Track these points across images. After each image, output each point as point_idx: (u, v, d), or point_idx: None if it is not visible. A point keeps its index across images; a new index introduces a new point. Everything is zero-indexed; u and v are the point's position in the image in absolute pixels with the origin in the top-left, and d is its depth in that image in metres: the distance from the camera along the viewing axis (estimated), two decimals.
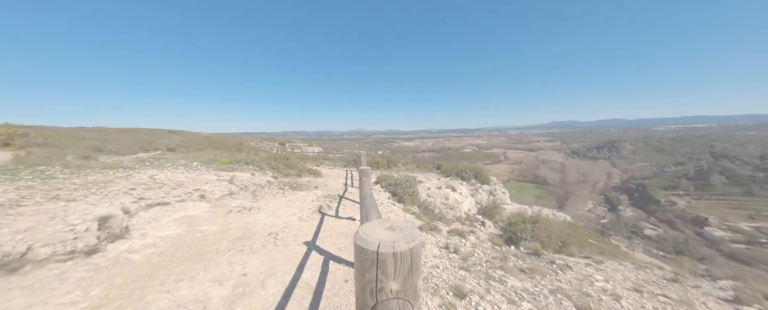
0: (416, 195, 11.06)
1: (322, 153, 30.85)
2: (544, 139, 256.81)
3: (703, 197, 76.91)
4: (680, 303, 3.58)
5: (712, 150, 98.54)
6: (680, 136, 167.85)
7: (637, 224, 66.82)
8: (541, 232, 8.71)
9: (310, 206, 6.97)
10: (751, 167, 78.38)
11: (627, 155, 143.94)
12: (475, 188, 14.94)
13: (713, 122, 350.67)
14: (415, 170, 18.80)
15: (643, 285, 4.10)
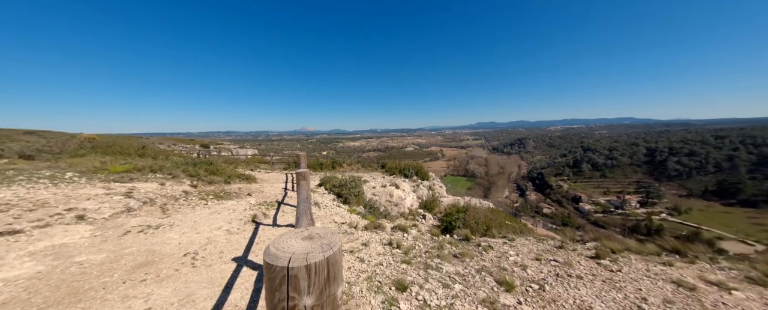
0: (362, 195, 11.09)
1: (258, 156, 27.77)
2: (472, 138, 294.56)
3: (578, 180, 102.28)
4: (564, 264, 4.63)
5: (582, 145, 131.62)
6: (564, 134, 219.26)
7: (538, 204, 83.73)
8: (470, 219, 9.95)
9: (242, 216, 6.17)
10: (604, 157, 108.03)
11: (530, 150, 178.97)
12: (417, 184, 15.98)
13: (582, 124, 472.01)
14: (360, 170, 18.85)
15: (541, 254, 5.13)
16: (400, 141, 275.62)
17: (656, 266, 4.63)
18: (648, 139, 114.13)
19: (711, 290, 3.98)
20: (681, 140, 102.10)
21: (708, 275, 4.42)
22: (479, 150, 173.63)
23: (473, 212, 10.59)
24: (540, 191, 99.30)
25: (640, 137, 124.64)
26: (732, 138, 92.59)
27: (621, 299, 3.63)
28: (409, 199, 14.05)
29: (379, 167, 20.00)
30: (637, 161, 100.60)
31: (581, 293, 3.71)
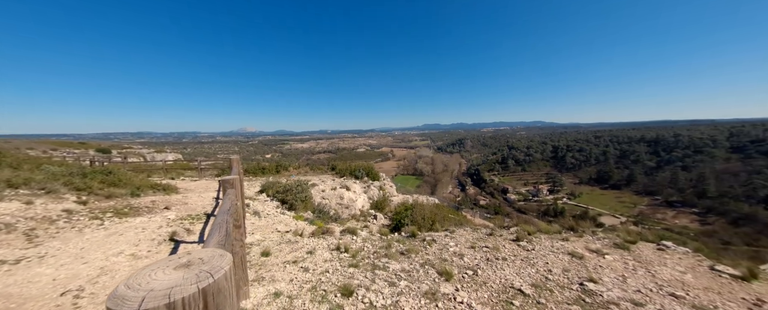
0: (309, 200, 10.53)
1: (183, 161, 23.60)
2: (420, 139, 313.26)
3: (506, 174, 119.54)
4: (493, 249, 5.29)
5: (507, 144, 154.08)
6: (494, 135, 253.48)
7: (476, 197, 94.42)
8: (418, 216, 10.49)
9: (156, 235, 5.12)
10: (523, 154, 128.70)
11: (469, 149, 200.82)
12: (368, 185, 16.06)
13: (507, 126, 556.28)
14: (308, 173, 17.89)
15: (475, 242, 5.75)
16: (352, 142, 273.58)
17: (558, 242, 5.71)
18: (553, 139, 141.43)
19: (592, 256, 5.12)
20: (574, 140, 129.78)
21: (591, 244, 5.68)
22: (426, 150, 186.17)
23: (420, 209, 11.20)
24: (477, 185, 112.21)
25: (548, 137, 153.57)
26: (604, 138, 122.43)
27: (534, 273, 4.35)
28: (360, 200, 14.00)
29: (329, 169, 19.37)
30: (546, 156, 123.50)
31: (505, 273, 4.29)
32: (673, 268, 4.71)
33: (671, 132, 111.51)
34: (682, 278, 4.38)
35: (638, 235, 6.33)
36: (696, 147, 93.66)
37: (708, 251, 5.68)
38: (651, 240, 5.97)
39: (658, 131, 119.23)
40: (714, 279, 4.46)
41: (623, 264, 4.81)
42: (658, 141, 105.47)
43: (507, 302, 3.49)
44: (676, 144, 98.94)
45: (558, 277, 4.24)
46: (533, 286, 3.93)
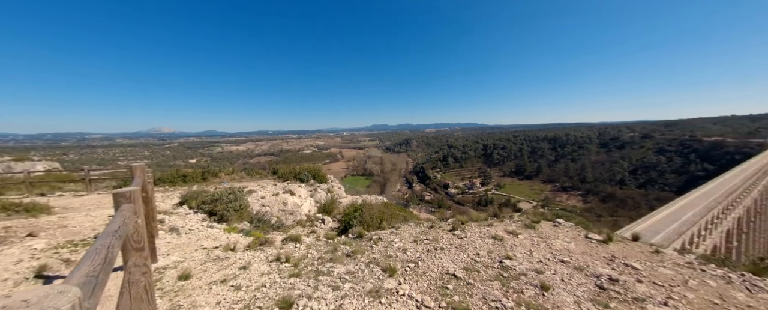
0: (245, 209, 9.45)
1: (62, 172, 18.03)
2: (368, 139, 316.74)
3: (446, 170, 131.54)
4: (433, 241, 5.75)
5: (447, 144, 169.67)
6: (436, 135, 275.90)
7: (422, 193, 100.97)
8: (366, 216, 10.59)
9: (13, 273, 3.80)
10: (460, 152, 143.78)
11: (415, 148, 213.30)
12: (314, 188, 15.37)
13: (447, 127, 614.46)
14: (245, 179, 16.03)
15: (418, 236, 6.15)
16: (297, 143, 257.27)
17: (484, 228, 6.60)
18: (483, 139, 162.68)
19: (509, 237, 6.09)
20: (498, 139, 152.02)
21: (508, 227, 6.75)
22: (375, 150, 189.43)
23: (369, 209, 11.33)
24: (422, 182, 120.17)
25: (479, 137, 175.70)
26: (520, 137, 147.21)
27: (465, 258, 4.92)
28: (306, 205, 13.30)
29: (270, 174, 17.78)
30: (478, 153, 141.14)
31: (442, 261, 4.72)
32: (562, 240, 6.00)
33: (564, 132, 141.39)
34: (568, 247, 5.63)
35: (541, 216, 7.83)
36: (579, 144, 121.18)
37: (585, 224, 7.43)
38: (549, 219, 7.46)
39: (556, 132, 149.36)
40: (587, 244, 5.88)
41: (530, 241, 5.88)
42: (556, 139, 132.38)
43: (443, 287, 3.85)
44: (567, 141, 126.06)
45: (484, 258, 4.90)
46: (465, 269, 4.43)
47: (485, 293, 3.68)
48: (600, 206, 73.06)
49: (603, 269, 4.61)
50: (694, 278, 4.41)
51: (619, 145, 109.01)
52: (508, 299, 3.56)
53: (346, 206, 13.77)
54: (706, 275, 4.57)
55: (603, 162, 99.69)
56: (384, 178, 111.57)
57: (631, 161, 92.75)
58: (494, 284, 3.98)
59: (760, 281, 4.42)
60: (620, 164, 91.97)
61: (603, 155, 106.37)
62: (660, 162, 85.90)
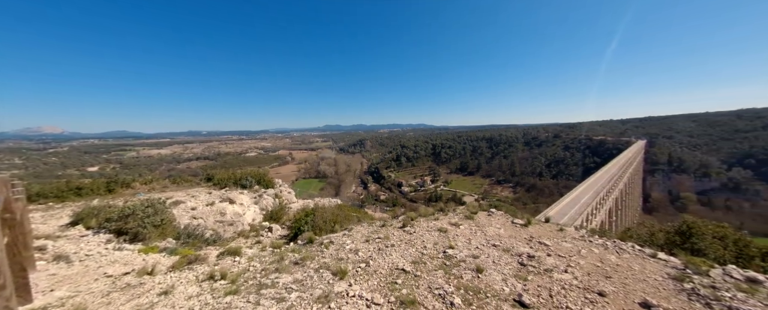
0: (169, 223, 8.04)
1: None
2: (321, 140, 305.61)
3: (400, 170, 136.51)
4: (384, 239, 5.91)
5: (400, 144, 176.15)
6: (390, 135, 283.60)
7: (377, 193, 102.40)
8: (319, 220, 10.20)
9: None
10: (412, 151, 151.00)
11: (369, 149, 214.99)
12: (259, 194, 14.06)
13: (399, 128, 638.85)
14: (170, 188, 13.63)
15: (370, 235, 6.23)
16: (238, 145, 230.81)
17: (431, 222, 7.10)
18: (433, 138, 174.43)
19: (452, 229, 6.69)
20: (445, 139, 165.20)
21: (452, 220, 7.40)
22: (328, 151, 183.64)
23: (321, 213, 10.94)
24: (377, 182, 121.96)
25: (429, 137, 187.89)
26: (463, 137, 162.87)
27: (414, 252, 5.20)
28: (249, 213, 12.07)
29: (203, 180, 15.56)
30: (428, 153, 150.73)
31: (393, 258, 4.90)
32: (495, 227, 6.88)
33: (497, 133, 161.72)
34: (499, 232, 6.49)
35: (479, 207, 8.82)
36: (509, 143, 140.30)
37: (512, 211, 8.67)
38: (485, 210, 8.46)
39: (491, 132, 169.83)
40: (513, 229, 6.88)
41: (470, 230, 6.57)
42: (492, 139, 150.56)
43: (392, 283, 3.99)
44: (500, 141, 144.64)
45: (430, 250, 5.26)
46: (413, 263, 4.69)
47: (430, 283, 3.97)
48: (525, 195, 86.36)
49: (524, 248, 5.46)
50: (584, 248, 5.60)
51: (538, 144, 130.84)
52: (449, 285, 3.91)
53: (297, 212, 13.03)
54: (593, 244, 5.85)
55: (527, 158, 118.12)
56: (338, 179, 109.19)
57: (547, 156, 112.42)
58: (438, 273, 4.32)
59: (624, 245, 5.89)
60: (539, 160, 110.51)
61: (527, 152, 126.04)
62: (566, 157, 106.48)
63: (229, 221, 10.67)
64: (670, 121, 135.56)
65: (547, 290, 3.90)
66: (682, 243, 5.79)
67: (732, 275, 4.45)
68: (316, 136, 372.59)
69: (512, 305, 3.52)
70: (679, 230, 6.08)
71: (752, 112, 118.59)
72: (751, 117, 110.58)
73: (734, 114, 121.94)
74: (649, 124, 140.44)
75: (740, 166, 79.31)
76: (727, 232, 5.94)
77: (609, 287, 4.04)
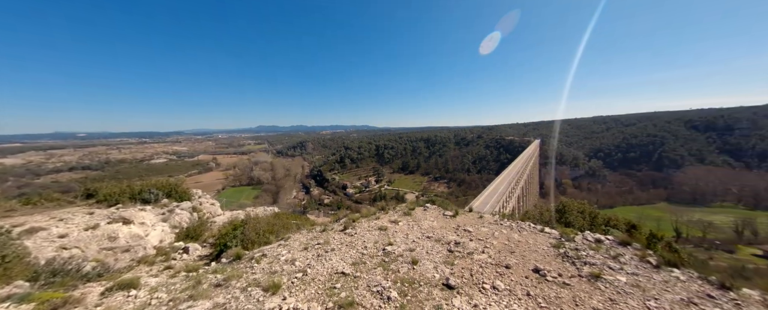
0: (17, 260, 5.82)
1: None
2: (254, 142, 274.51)
3: (344, 171, 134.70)
4: (324, 244, 5.73)
5: (344, 145, 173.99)
6: (333, 137, 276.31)
7: (321, 197, 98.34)
8: (251, 232, 9.13)
9: None
10: (356, 153, 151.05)
11: (310, 151, 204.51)
12: (170, 209, 11.63)
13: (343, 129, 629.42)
14: (20, 211, 9.85)
15: (309, 242, 5.95)
16: (139, 150, 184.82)
17: (372, 222, 7.27)
18: (376, 139, 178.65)
19: (392, 226, 7.01)
20: (388, 140, 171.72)
21: (392, 217, 7.75)
22: (264, 155, 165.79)
23: (254, 224, 9.83)
24: (321, 186, 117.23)
25: (372, 139, 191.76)
26: (404, 138, 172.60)
27: (354, 253, 5.22)
28: (155, 234, 9.85)
29: (80, 197, 11.90)
30: (371, 154, 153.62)
31: (332, 262, 4.80)
32: (429, 220, 7.55)
33: (433, 134, 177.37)
34: (432, 225, 7.15)
35: (416, 203, 9.51)
36: (443, 143, 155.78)
37: (443, 204, 9.66)
38: (421, 205, 9.18)
39: (428, 133, 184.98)
40: (444, 220, 7.69)
41: (407, 226, 7.02)
42: (429, 139, 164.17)
43: (331, 288, 3.91)
44: (436, 141, 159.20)
45: (370, 250, 5.38)
46: (353, 264, 4.70)
47: (369, 282, 4.06)
48: (457, 189, 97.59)
49: (452, 237, 6.17)
50: (497, 230, 6.71)
51: (466, 143, 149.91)
52: (387, 280, 4.09)
53: (223, 226, 11.38)
54: (503, 227, 7.07)
55: (458, 156, 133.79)
56: (277, 185, 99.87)
57: (473, 154, 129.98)
58: (377, 270, 4.46)
59: (524, 224, 7.32)
60: (467, 157, 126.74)
61: (457, 150, 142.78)
62: (487, 154, 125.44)
63: (123, 247, 8.47)
64: (554, 125, 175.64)
65: (468, 271, 4.50)
66: (560, 218, 7.62)
67: (587, 238, 6.08)
68: (248, 137, 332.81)
69: (441, 289, 3.93)
70: (557, 208, 7.97)
71: (600, 118, 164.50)
72: (600, 122, 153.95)
73: (591, 120, 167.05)
74: (542, 127, 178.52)
75: (595, 158, 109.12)
76: (585, 207, 8.09)
77: (513, 260, 4.95)
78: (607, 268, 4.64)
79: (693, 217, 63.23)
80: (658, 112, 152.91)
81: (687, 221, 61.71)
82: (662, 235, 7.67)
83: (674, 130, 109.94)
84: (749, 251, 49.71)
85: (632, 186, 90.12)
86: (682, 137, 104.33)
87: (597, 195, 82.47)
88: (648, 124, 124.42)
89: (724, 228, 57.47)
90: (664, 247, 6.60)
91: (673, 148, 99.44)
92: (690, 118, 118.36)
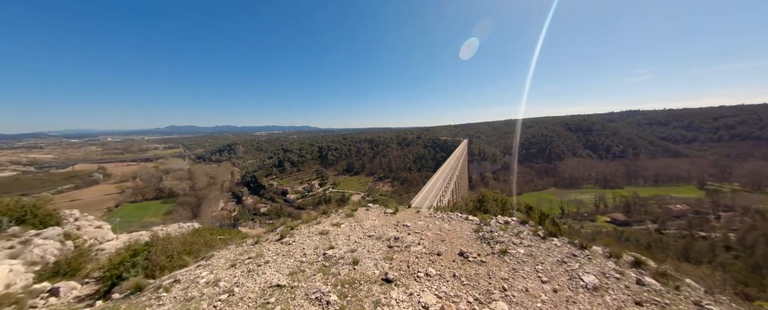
0: None
1: None
2: (164, 146, 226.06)
3: (284, 176, 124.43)
4: (257, 257, 5.22)
5: (282, 147, 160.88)
6: (269, 139, 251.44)
7: (256, 206, 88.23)
8: (160, 255, 7.53)
9: None
10: (297, 155, 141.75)
11: (242, 155, 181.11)
12: (22, 240, 8.52)
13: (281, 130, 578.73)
14: None
15: (238, 258, 5.31)
16: None
17: (313, 227, 7.00)
18: (318, 141, 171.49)
19: (334, 229, 6.91)
20: (331, 141, 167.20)
21: (334, 220, 7.62)
22: (178, 161, 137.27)
23: (164, 245, 8.13)
24: (256, 194, 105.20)
25: (315, 140, 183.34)
26: (349, 139, 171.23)
27: (292, 262, 4.94)
28: None
29: None
30: (314, 156, 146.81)
31: (266, 276, 4.42)
32: (371, 219, 7.75)
33: (377, 135, 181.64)
34: (374, 224, 7.37)
35: (359, 204, 9.61)
36: (386, 143, 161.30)
37: (385, 202, 10.08)
38: (364, 205, 9.34)
39: (373, 134, 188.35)
40: (385, 218, 8.02)
41: (350, 227, 7.04)
42: (373, 140, 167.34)
43: (264, 304, 3.61)
44: (380, 142, 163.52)
45: (310, 256, 5.18)
46: (290, 274, 4.44)
47: (308, 290, 3.92)
48: (401, 187, 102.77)
49: (392, 233, 6.51)
50: (431, 223, 7.41)
51: (407, 144, 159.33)
52: (327, 285, 4.03)
53: (117, 253, 9.05)
54: (436, 219, 7.84)
55: (400, 156, 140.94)
56: (197, 196, 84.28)
57: (414, 154, 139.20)
58: (317, 277, 4.34)
59: (453, 215, 8.31)
60: (409, 157, 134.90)
61: (399, 151, 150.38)
62: (426, 153, 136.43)
63: None
64: (477, 127, 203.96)
65: (405, 263, 4.85)
66: (480, 207, 8.96)
67: (499, 221, 7.34)
68: (155, 141, 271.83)
69: (380, 284, 4.11)
70: (478, 199, 9.35)
71: (511, 122, 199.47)
72: (510, 124, 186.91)
73: (504, 123, 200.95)
74: (469, 128, 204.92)
75: (508, 154, 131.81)
76: (498, 196, 9.74)
77: (443, 247, 5.57)
78: (512, 244, 5.72)
79: (571, 197, 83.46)
80: (548, 116, 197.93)
81: (567, 200, 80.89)
82: (550, 213, 9.92)
83: (558, 131, 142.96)
84: (603, 219, 68.77)
85: (533, 176, 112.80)
86: (563, 136, 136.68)
87: (509, 185, 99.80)
88: (542, 126, 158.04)
89: (589, 204, 77.59)
90: (550, 222, 8.55)
91: (557, 145, 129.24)
92: (567, 122, 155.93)
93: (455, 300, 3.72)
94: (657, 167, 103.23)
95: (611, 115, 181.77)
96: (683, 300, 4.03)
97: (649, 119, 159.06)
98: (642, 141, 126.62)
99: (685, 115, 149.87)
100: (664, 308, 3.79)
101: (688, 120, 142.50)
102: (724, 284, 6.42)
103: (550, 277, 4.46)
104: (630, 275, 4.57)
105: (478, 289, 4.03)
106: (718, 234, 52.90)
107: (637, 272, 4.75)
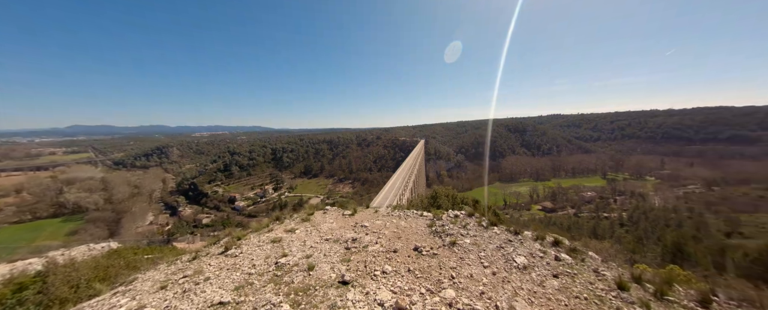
0: None
1: None
2: (65, 151, 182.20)
3: (231, 182, 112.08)
4: (195, 274, 4.64)
5: (229, 150, 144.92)
6: (211, 140, 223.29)
7: (196, 217, 77.47)
8: (60, 287, 6.10)
9: None
10: (247, 158, 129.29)
11: (176, 159, 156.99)
12: None
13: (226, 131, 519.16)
14: None
15: (170, 277, 4.64)
16: None
17: (264, 235, 6.52)
18: (272, 142, 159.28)
19: (287, 236, 6.55)
20: (287, 142, 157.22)
21: (288, 226, 7.23)
22: (86, 168, 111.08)
23: (66, 274, 6.61)
24: (196, 203, 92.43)
25: (267, 141, 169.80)
26: (306, 140, 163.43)
27: (238, 276, 4.53)
28: None
29: None
30: (267, 158, 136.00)
31: (206, 294, 3.97)
32: (329, 222, 7.58)
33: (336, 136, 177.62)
34: (332, 226, 7.23)
35: (315, 207, 9.30)
36: (346, 144, 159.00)
37: (343, 204, 9.95)
38: (321, 208, 9.08)
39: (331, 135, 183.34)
40: (344, 220, 7.94)
41: (305, 232, 6.77)
42: (332, 141, 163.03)
43: None
44: (339, 143, 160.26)
45: (260, 267, 4.83)
46: (236, 289, 4.07)
47: (256, 304, 3.65)
48: (361, 188, 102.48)
49: (349, 234, 6.49)
50: (389, 221, 7.62)
51: (367, 144, 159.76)
52: (278, 295, 3.82)
53: None
54: (393, 217, 8.10)
55: (360, 157, 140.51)
56: (115, 210, 69.77)
57: (374, 154, 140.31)
58: (268, 288, 4.08)
59: (409, 212, 8.69)
60: (369, 157, 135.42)
61: (359, 151, 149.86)
62: (386, 154, 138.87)
63: None
64: (433, 128, 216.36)
65: (363, 263, 4.90)
66: (433, 203, 9.57)
67: (449, 215, 7.96)
68: (51, 143, 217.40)
69: (337, 288, 4.08)
70: (431, 196, 9.98)
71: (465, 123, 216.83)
72: (462, 125, 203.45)
73: (456, 124, 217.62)
74: (426, 129, 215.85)
75: (460, 153, 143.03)
76: (449, 192, 10.54)
77: (399, 245, 5.80)
78: (460, 235, 6.27)
79: (511, 190, 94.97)
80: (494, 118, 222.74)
81: (509, 193, 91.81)
82: (492, 205, 11.16)
83: (500, 131, 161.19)
84: (536, 207, 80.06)
85: (481, 173, 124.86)
86: (504, 137, 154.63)
87: (461, 181, 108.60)
88: (487, 128, 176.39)
89: (526, 195, 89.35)
90: (492, 214, 9.62)
91: (500, 144, 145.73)
92: (507, 123, 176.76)
93: (409, 293, 3.92)
94: (574, 162, 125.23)
95: (540, 118, 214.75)
96: (587, 269, 5.00)
97: (568, 122, 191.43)
98: (563, 140, 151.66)
99: (591, 118, 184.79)
100: (573, 277, 4.65)
101: (594, 123, 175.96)
102: (616, 253, 8.18)
103: (491, 262, 5.04)
104: (550, 253, 5.46)
105: (430, 280, 4.32)
106: (615, 214, 66.97)
107: (556, 250, 5.70)
